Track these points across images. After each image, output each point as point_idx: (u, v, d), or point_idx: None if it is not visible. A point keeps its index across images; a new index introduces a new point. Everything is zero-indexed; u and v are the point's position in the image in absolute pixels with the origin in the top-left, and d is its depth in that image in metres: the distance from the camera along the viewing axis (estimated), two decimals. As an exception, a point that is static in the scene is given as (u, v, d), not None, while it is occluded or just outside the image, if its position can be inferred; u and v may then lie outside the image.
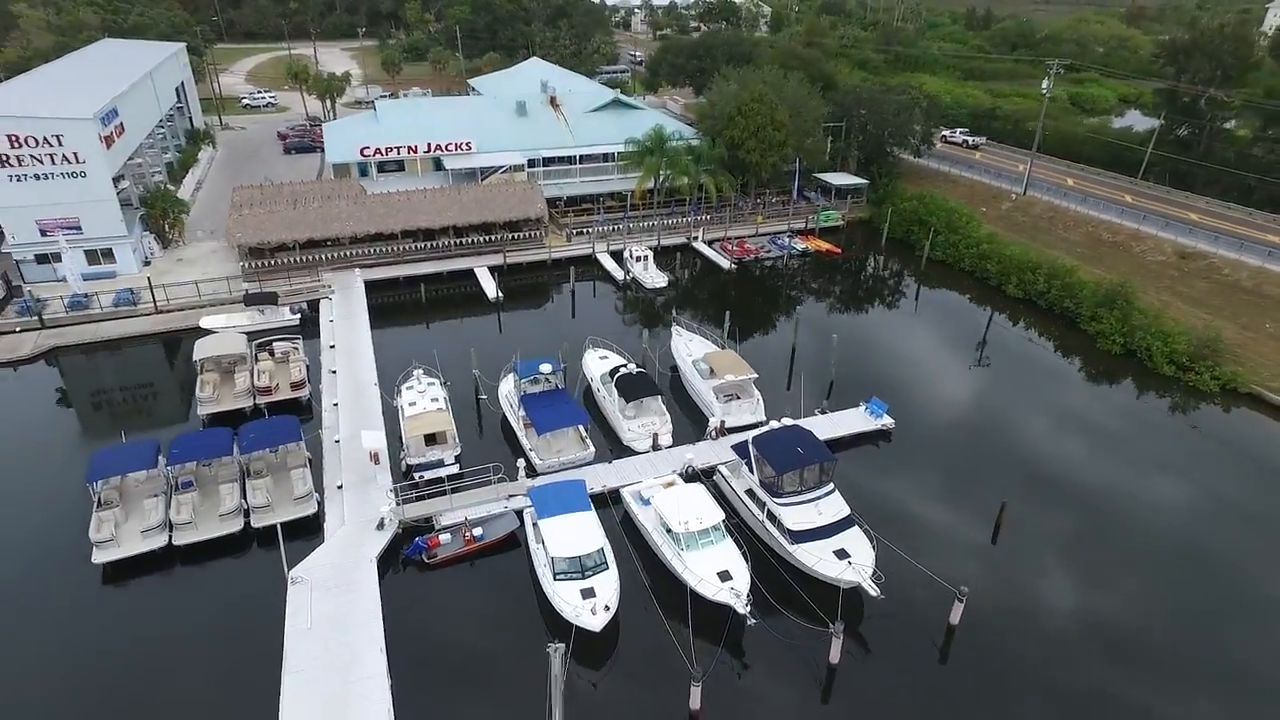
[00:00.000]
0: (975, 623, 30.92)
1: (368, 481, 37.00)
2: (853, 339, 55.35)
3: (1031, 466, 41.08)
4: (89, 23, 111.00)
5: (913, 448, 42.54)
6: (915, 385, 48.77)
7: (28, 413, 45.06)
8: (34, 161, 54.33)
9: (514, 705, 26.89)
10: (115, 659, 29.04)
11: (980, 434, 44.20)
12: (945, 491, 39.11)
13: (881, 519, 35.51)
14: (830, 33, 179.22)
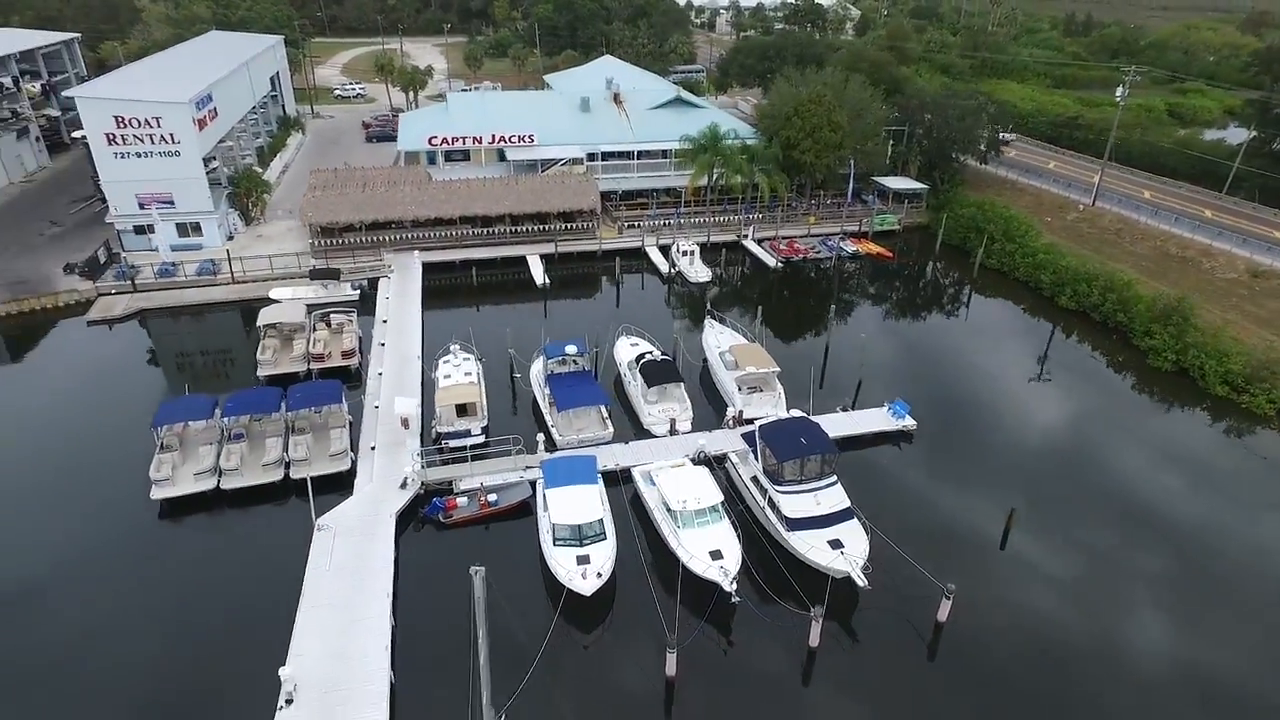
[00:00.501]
0: (966, 623, 31.05)
1: (398, 445, 39.60)
2: (892, 342, 55.50)
3: (1055, 478, 40.45)
4: (202, 16, 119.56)
5: (933, 450, 42.47)
6: (948, 390, 48.44)
7: (114, 364, 49.82)
8: (136, 140, 59.65)
9: (502, 655, 28.56)
10: (162, 582, 32.35)
11: (1007, 442, 43.68)
12: (959, 495, 38.99)
13: (888, 516, 35.84)
14: (916, 37, 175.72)
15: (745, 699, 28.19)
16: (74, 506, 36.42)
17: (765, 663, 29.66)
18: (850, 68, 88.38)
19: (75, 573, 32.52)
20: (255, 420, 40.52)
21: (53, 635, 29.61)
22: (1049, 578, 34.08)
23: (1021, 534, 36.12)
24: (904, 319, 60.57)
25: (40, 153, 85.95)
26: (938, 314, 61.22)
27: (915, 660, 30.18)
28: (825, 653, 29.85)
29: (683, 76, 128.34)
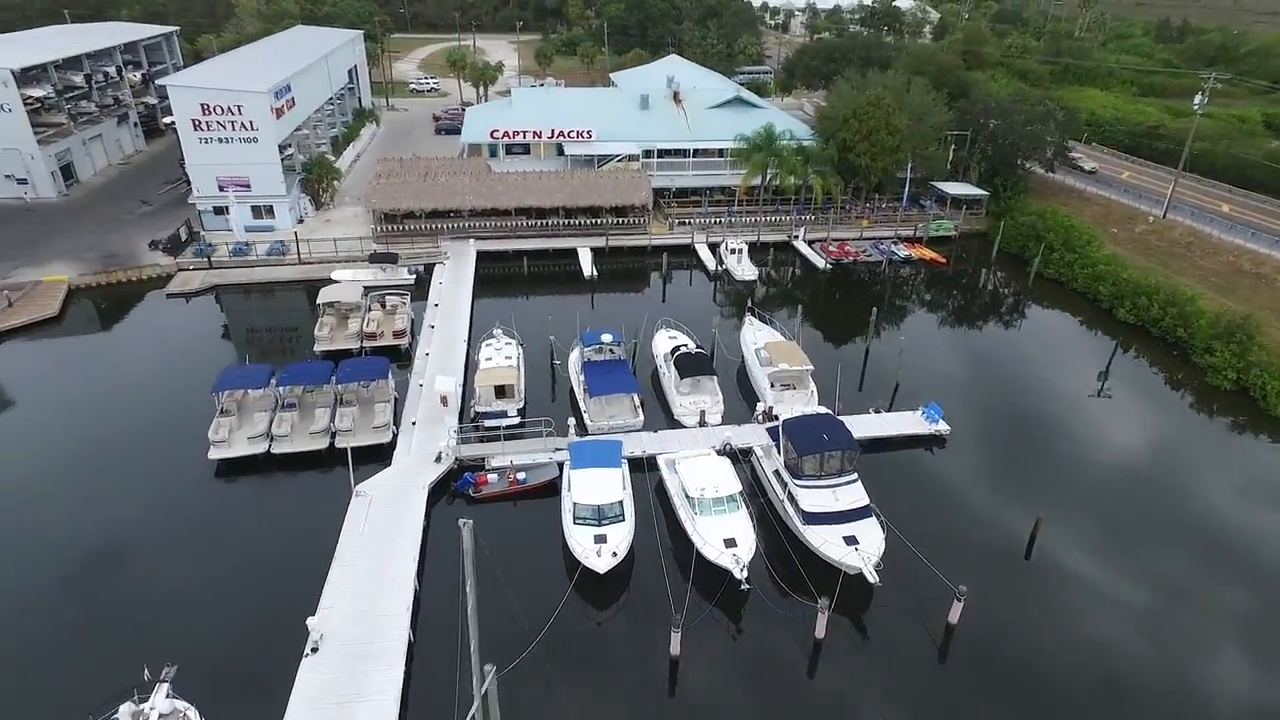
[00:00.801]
0: (979, 627, 30.91)
1: (437, 421, 41.47)
2: (937, 347, 54.90)
3: (1093, 492, 39.54)
4: (290, 11, 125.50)
5: (965, 456, 42.05)
6: (989, 398, 47.80)
7: (185, 334, 53.37)
8: (219, 127, 63.58)
9: (512, 623, 29.80)
10: (211, 534, 34.84)
11: (1045, 453, 42.79)
12: (988, 502, 38.61)
13: (911, 518, 35.80)
14: (996, 41, 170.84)
15: (747, 682, 28.80)
16: (141, 461, 39.46)
17: (770, 650, 30.15)
18: (916, 71, 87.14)
19: (137, 522, 35.26)
20: (307, 391, 42.94)
21: (114, 573, 32.29)
22: (1072, 591, 33.46)
23: (1050, 545, 35.58)
24: (952, 325, 59.69)
25: (138, 137, 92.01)
26: (988, 322, 60.14)
27: (922, 659, 30.19)
28: (831, 645, 30.15)
29: (750, 77, 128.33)
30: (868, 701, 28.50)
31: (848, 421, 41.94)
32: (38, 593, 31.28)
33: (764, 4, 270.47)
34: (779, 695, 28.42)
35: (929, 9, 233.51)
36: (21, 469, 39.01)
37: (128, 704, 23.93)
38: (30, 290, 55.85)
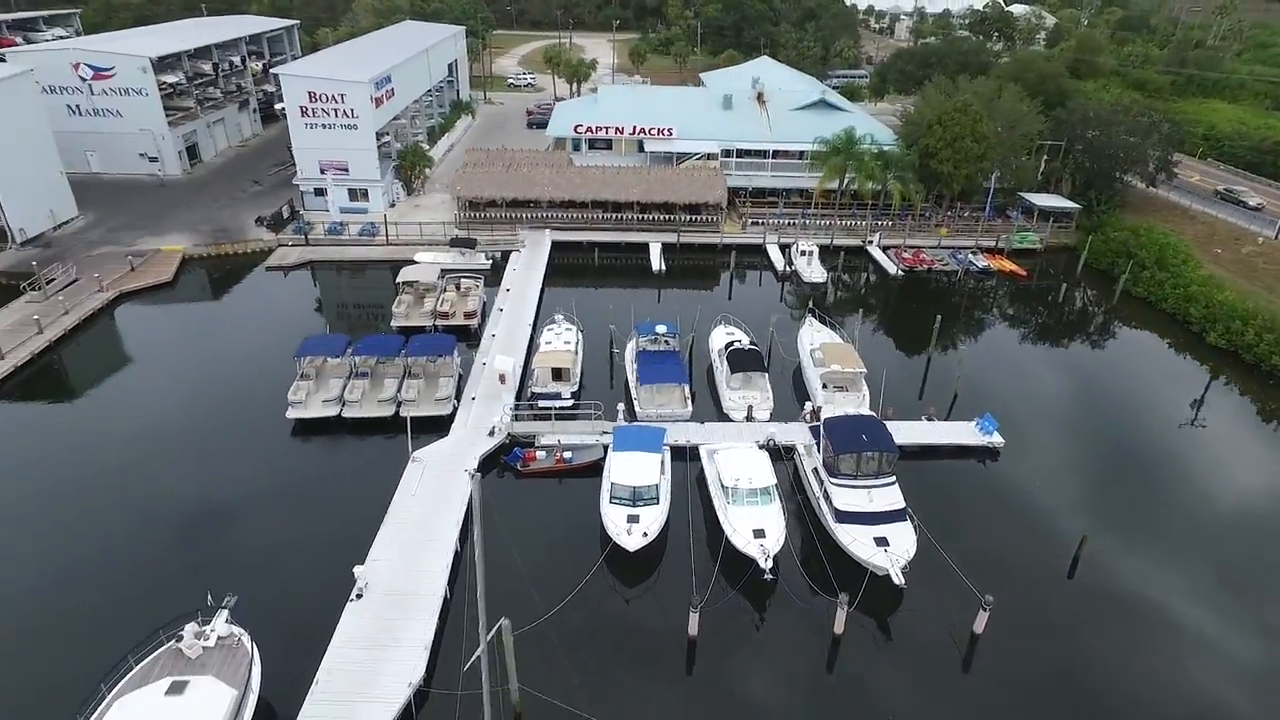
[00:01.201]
0: (1007, 639, 30.52)
1: (495, 398, 43.57)
2: (1006, 360, 53.82)
3: (1152, 518, 38.09)
4: (400, 6, 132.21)
5: (1018, 470, 41.09)
6: (1053, 414, 46.44)
7: (279, 304, 57.75)
8: (323, 114, 68.14)
9: (545, 587, 31.31)
10: (283, 485, 37.99)
11: (1105, 475, 41.31)
12: (1035, 518, 37.62)
13: (950, 526, 35.68)
14: (1115, 50, 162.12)
15: (762, 668, 29.38)
16: (230, 415, 43.18)
17: (788, 640, 30.67)
18: (1015, 78, 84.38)
19: (220, 469, 38.74)
20: (379, 361, 45.77)
21: (195, 511, 35.75)
22: (1113, 615, 32.40)
23: (1097, 566, 34.52)
24: (1025, 339, 57.90)
25: (255, 122, 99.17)
26: (1064, 338, 57.93)
27: (943, 665, 30.01)
28: (850, 642, 30.39)
29: (844, 81, 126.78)
30: (881, 700, 28.59)
31: (899, 427, 42.06)
32: (131, 520, 34.95)
33: (869, 7, 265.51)
34: (793, 684, 28.93)
35: (1045, 15, 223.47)
36: (132, 414, 43.43)
37: (192, 624, 26.73)
38: (151, 257, 61.49)
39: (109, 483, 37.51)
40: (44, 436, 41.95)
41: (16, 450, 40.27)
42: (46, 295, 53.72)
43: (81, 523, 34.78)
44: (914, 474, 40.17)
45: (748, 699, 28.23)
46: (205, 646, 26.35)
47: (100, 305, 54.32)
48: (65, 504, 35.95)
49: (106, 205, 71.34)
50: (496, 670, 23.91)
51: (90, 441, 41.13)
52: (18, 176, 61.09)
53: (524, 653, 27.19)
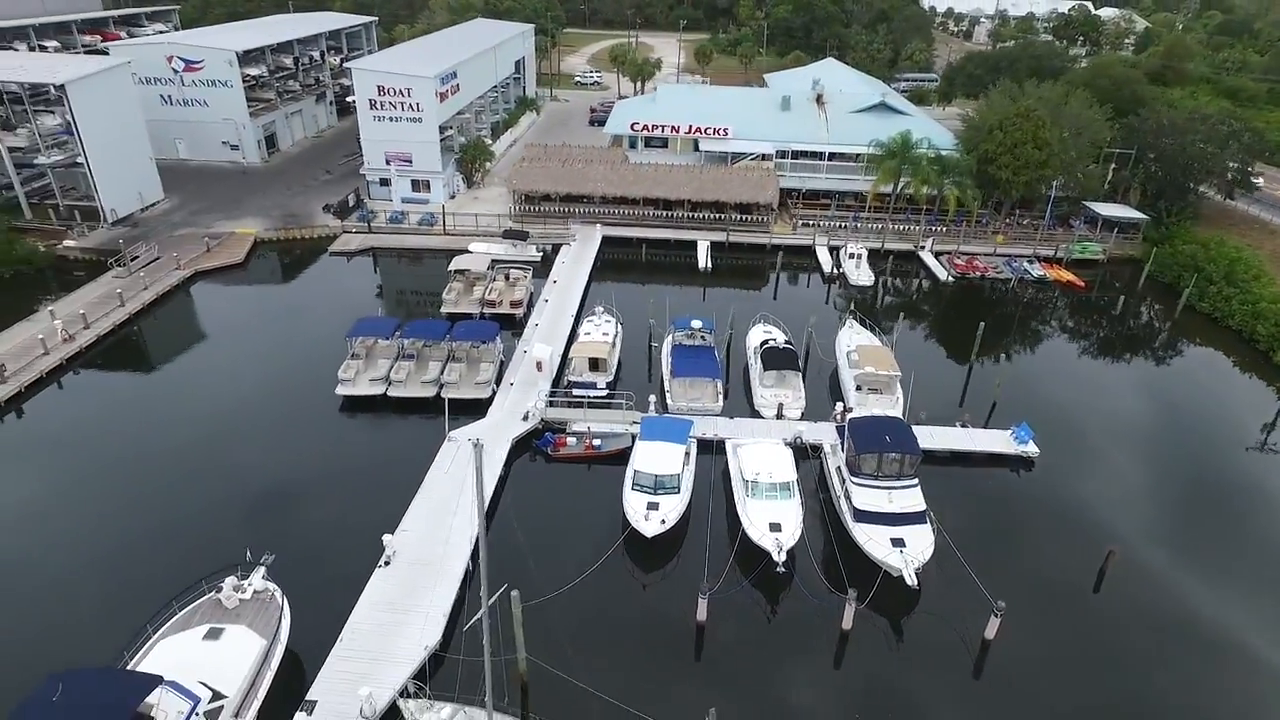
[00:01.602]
0: (1020, 649, 30.29)
1: (532, 384, 45.03)
2: (1050, 371, 52.87)
3: (1192, 539, 37.00)
4: (474, 4, 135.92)
5: (1052, 481, 40.38)
6: (1097, 428, 45.17)
7: (339, 287, 60.63)
8: (390, 107, 71.04)
9: (562, 565, 32.51)
10: (328, 455, 40.22)
11: (1147, 491, 40.28)
12: (1067, 530, 36.82)
13: (974, 533, 35.56)
14: (1209, 55, 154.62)
15: (767, 658, 29.83)
16: (286, 388, 45.97)
17: (795, 633, 31.07)
18: (1087, 84, 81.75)
19: (272, 437, 41.37)
20: (426, 345, 47.75)
21: (244, 474, 38.24)
22: (1134, 634, 31.64)
23: (1122, 584, 33.76)
24: (1075, 351, 56.35)
25: (331, 114, 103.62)
26: (1118, 352, 56.18)
27: (950, 668, 29.93)
28: (858, 639, 30.57)
29: (913, 84, 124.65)
30: (886, 697, 28.75)
31: (931, 432, 42.03)
32: (189, 482, 37.57)
33: (949, 10, 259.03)
34: (797, 675, 29.27)
35: (1136, 18, 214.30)
36: (197, 383, 46.65)
37: (231, 578, 28.83)
38: (225, 239, 65.31)
39: (172, 446, 40.32)
40: (120, 400, 45.43)
41: (95, 411, 43.77)
42: (130, 271, 57.77)
43: (145, 481, 37.59)
44: (944, 480, 40.06)
45: (750, 686, 28.74)
46: (242, 599, 28.41)
47: (177, 282, 58.05)
48: (133, 464, 38.91)
49: (190, 189, 75.95)
50: (499, 636, 25.08)
51: (158, 407, 44.29)
52: (112, 161, 65.72)
53: (533, 625, 28.41)
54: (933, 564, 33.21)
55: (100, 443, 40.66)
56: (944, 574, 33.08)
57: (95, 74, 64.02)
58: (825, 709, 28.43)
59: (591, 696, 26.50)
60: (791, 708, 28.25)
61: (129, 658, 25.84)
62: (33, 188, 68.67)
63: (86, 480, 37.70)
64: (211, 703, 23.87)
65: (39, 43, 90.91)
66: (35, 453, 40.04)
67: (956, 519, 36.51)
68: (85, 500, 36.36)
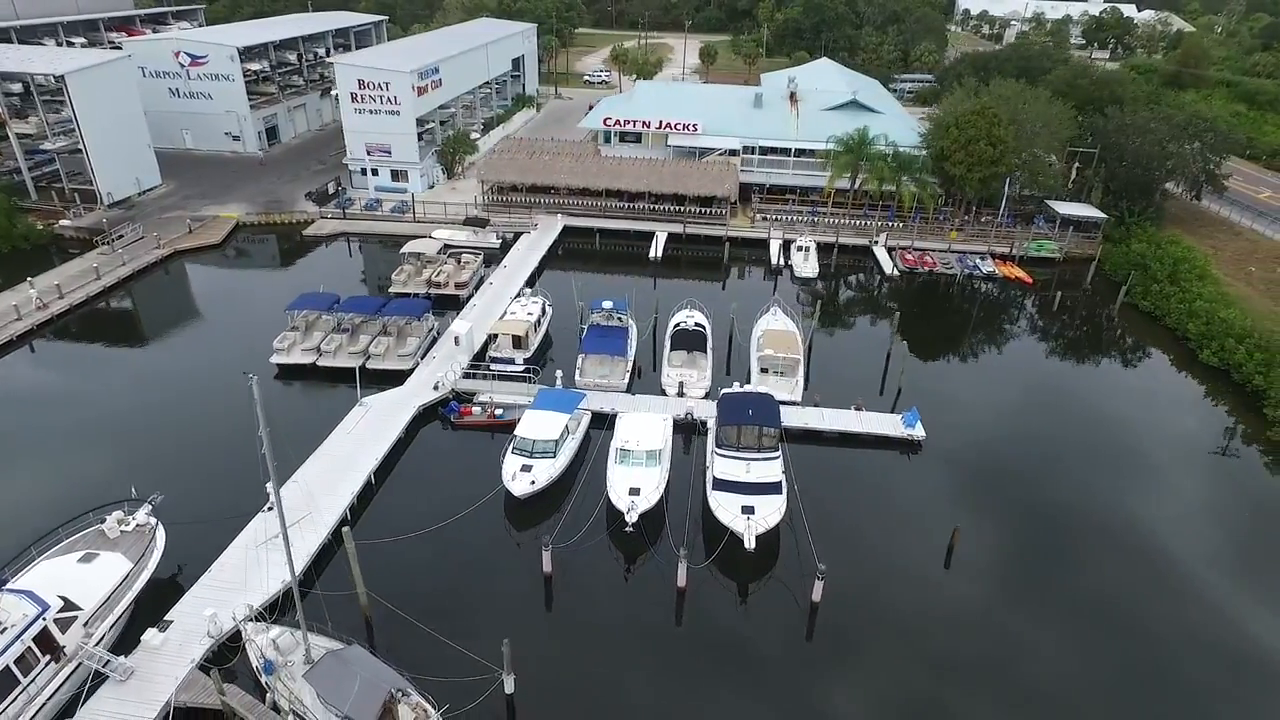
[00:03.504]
0: (841, 610, 31.82)
1: (452, 358, 47.69)
2: (967, 362, 53.73)
3: (1059, 523, 37.82)
4: (487, 4, 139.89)
5: (933, 464, 41.48)
6: (994, 417, 45.99)
7: (306, 267, 64.15)
8: (370, 100, 74.65)
9: (430, 515, 34.90)
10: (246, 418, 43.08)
11: (1020, 477, 40.88)
12: (936, 510, 37.85)
13: (841, 507, 37.50)
14: (1234, 59, 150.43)
15: (605, 608, 31.96)
16: (230, 354, 49.33)
17: (633, 587, 33.19)
18: (1070, 83, 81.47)
19: (208, 395, 44.52)
20: (364, 319, 50.72)
21: (170, 425, 41.62)
22: (970, 610, 32.81)
23: (973, 561, 34.90)
24: (1000, 343, 56.87)
25: (335, 108, 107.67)
26: (1044, 345, 56.41)
27: (777, 626, 31.56)
28: (695, 596, 32.42)
29: (914, 85, 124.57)
30: (715, 648, 30.49)
31: (824, 413, 43.62)
32: (113, 429, 41.22)
33: (983, 13, 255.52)
34: (634, 626, 31.31)
35: (1172, 20, 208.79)
36: (152, 348, 51.06)
37: (118, 512, 32.02)
38: (208, 222, 69.55)
39: (112, 402, 44.14)
40: (79, 362, 49.78)
41: (56, 371, 48.08)
42: (114, 250, 62.14)
43: (79, 431, 41.32)
44: (830, 458, 41.90)
45: (589, 634, 30.74)
46: (124, 530, 31.58)
47: (155, 260, 62.27)
48: (75, 415, 42.74)
49: (189, 176, 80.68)
50: (350, 574, 27.56)
51: (111, 368, 48.55)
52: (110, 148, 70.41)
53: (387, 566, 31.18)
54: (787, 532, 34.92)
55: (55, 396, 44.82)
56: (796, 543, 34.64)
57: (93, 66, 68.80)
58: (655, 658, 30.12)
59: (426, 635, 28.77)
60: (620, 655, 30.18)
61: (9, 575, 29.02)
62: (42, 172, 74.14)
63: (33, 426, 41.58)
64: (63, 612, 26.84)
65: (67, 39, 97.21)
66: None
67: (827, 494, 38.18)
68: (26, 442, 40.22)
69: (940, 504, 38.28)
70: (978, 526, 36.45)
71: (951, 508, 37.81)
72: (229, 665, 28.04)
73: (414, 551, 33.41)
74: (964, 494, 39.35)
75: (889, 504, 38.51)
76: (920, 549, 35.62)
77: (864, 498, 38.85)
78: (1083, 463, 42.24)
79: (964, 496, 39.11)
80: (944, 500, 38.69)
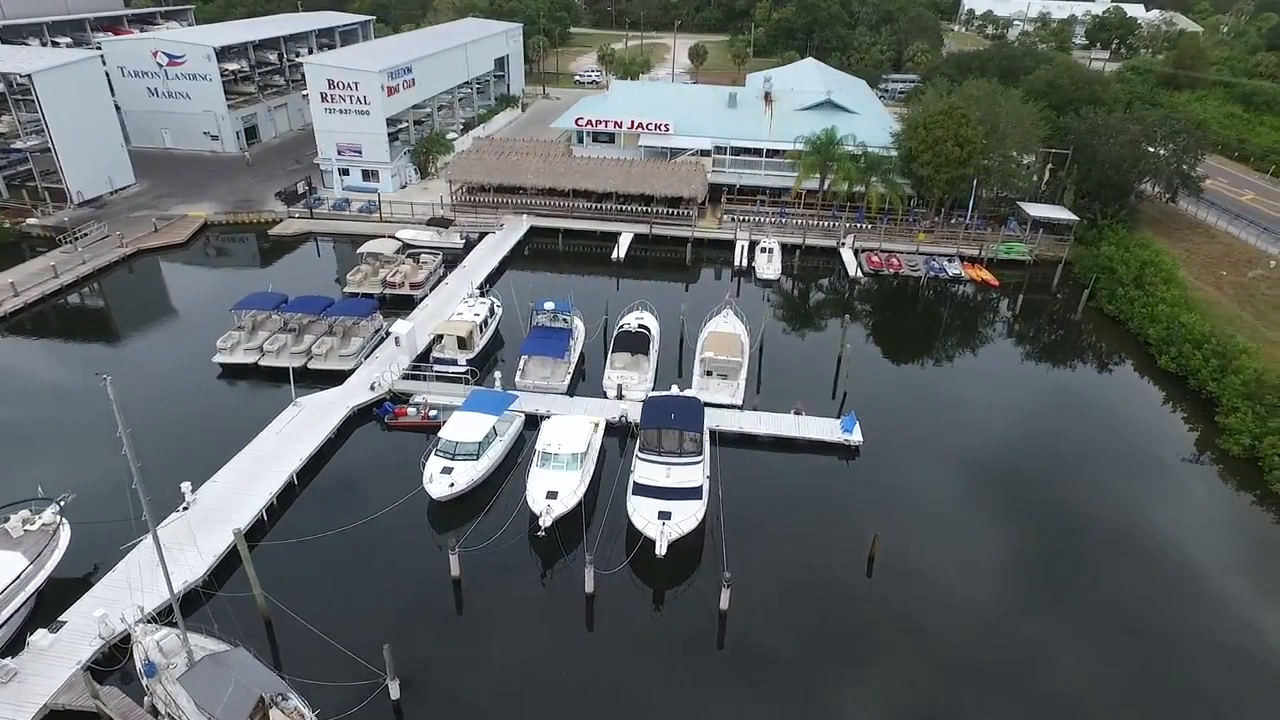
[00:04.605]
0: (749, 617, 31.24)
1: (393, 359, 47.42)
2: (920, 367, 52.98)
3: (991, 528, 37.16)
4: (478, 4, 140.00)
5: (868, 470, 40.82)
6: (937, 420, 45.16)
7: (266, 266, 64.13)
8: (341, 100, 74.61)
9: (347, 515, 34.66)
10: (181, 414, 43.21)
11: (954, 485, 40.08)
12: (859, 515, 37.19)
13: (768, 514, 36.95)
14: (1234, 60, 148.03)
15: (512, 615, 31.47)
16: (174, 356, 49.56)
17: (541, 592, 32.74)
18: (1050, 83, 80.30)
19: (143, 398, 43.88)
20: (310, 319, 50.52)
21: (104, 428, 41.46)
22: (890, 615, 32.16)
23: (894, 567, 34.23)
24: (956, 347, 55.82)
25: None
26: (1006, 351, 55.44)
27: (685, 633, 31.03)
28: (604, 601, 31.95)
29: (903, 85, 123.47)
30: (613, 654, 30.12)
31: (761, 417, 43.02)
32: (43, 422, 41.28)
33: (987, 13, 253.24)
34: (541, 632, 30.88)
35: (1176, 20, 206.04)
36: (98, 346, 51.05)
37: (25, 511, 31.96)
38: (175, 221, 69.71)
39: (50, 398, 44.18)
40: (29, 356, 50.10)
41: (6, 368, 48.05)
42: (75, 249, 62.34)
43: (9, 426, 41.35)
44: (763, 463, 41.20)
45: (491, 640, 30.29)
46: (28, 529, 31.50)
47: (117, 259, 62.41)
48: (10, 408, 42.79)
49: (164, 175, 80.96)
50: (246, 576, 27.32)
51: (57, 365, 48.51)
52: (79, 147, 70.71)
53: (291, 567, 30.95)
54: (703, 538, 34.38)
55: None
56: (712, 549, 34.12)
57: (60, 66, 69.12)
58: (559, 665, 29.66)
59: (318, 639, 28.45)
60: (521, 662, 29.69)
61: (-91, 571, 29.00)
62: (16, 171, 74.59)
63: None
64: (-55, 609, 26.74)
65: (52, 39, 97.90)
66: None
67: (754, 500, 37.60)
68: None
69: (868, 511, 37.51)
70: (904, 533, 35.77)
71: (879, 514, 36.99)
72: (119, 667, 27.88)
73: (325, 553, 33.17)
74: (894, 500, 38.60)
75: (816, 510, 37.87)
76: (841, 556, 34.95)
77: (791, 504, 38.16)
78: (1022, 469, 41.44)
79: (893, 503, 38.37)
80: (872, 507, 37.91)
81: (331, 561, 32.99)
